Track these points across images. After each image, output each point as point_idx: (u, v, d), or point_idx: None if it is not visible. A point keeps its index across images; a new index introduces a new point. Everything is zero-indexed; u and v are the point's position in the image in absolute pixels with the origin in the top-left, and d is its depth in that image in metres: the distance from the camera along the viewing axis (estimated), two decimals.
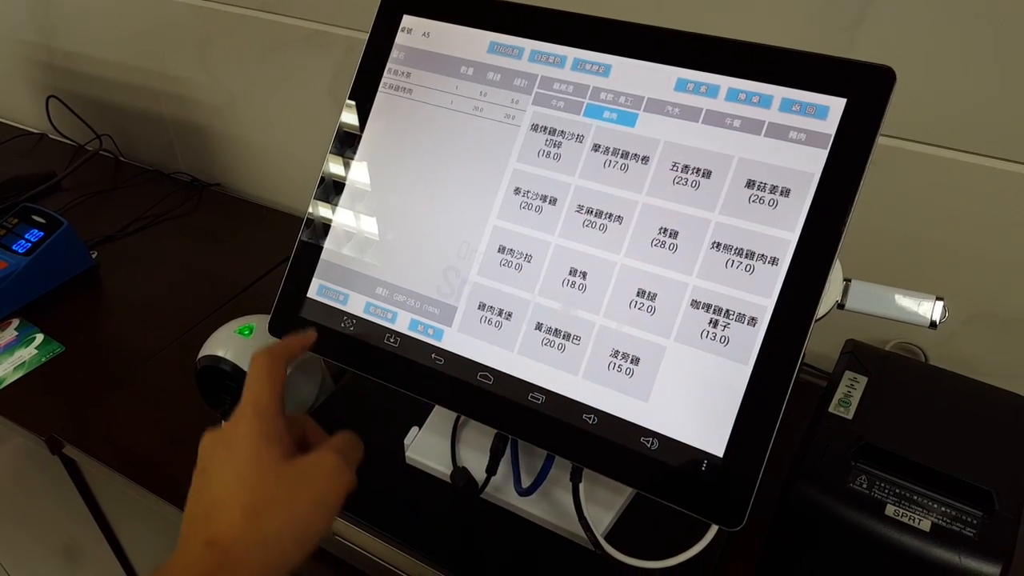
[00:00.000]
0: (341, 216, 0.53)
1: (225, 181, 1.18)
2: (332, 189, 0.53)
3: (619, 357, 0.44)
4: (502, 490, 0.54)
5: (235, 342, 0.62)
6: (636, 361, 0.44)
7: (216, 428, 0.43)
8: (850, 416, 0.54)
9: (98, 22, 1.14)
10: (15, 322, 0.86)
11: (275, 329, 0.54)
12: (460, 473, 0.54)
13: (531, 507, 0.54)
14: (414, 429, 0.59)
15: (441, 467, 0.56)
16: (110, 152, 1.22)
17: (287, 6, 0.94)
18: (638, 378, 0.44)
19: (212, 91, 1.09)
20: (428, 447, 0.57)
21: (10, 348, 0.82)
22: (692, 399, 0.42)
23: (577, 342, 0.45)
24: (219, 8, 1.00)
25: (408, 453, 0.58)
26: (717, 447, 0.41)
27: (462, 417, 0.57)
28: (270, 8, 0.96)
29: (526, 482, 0.52)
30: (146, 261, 0.99)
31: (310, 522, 0.40)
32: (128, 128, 1.23)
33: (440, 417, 0.59)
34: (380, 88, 0.53)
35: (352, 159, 0.53)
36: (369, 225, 0.52)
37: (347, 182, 0.53)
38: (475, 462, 0.55)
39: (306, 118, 1.03)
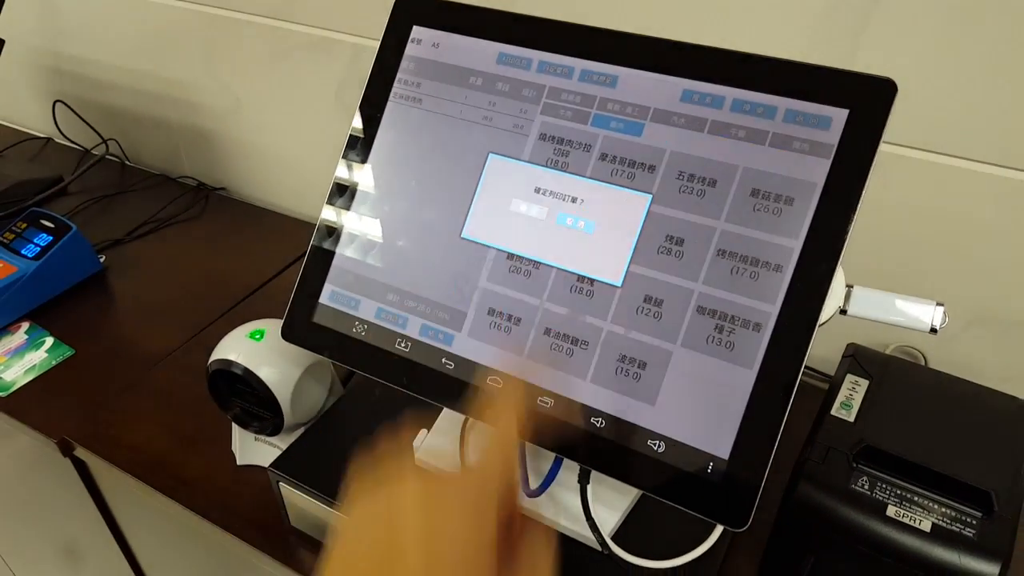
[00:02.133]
0: (352, 223, 0.54)
1: (231, 185, 1.19)
2: (343, 196, 0.54)
3: (626, 362, 0.45)
4: None
5: (246, 346, 0.62)
6: (643, 366, 0.45)
7: (420, 481, 0.35)
8: (851, 419, 0.55)
9: (105, 26, 1.15)
10: (25, 325, 0.87)
11: (288, 334, 0.55)
12: None
13: (537, 508, 0.55)
14: (423, 431, 0.59)
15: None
16: (116, 156, 1.23)
17: (293, 13, 0.95)
18: (645, 382, 0.45)
19: (218, 96, 1.10)
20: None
21: (20, 351, 0.83)
22: (698, 403, 0.43)
23: (585, 347, 0.46)
24: (226, 14, 1.00)
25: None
26: (723, 449, 0.42)
27: (470, 419, 0.58)
28: (276, 15, 0.97)
29: (534, 484, 0.53)
30: (153, 265, 1.00)
31: None
32: (134, 132, 1.23)
33: (448, 420, 0.60)
34: (391, 97, 0.54)
35: (363, 167, 0.54)
36: (380, 232, 0.53)
37: (358, 189, 0.54)
38: None
39: (312, 123, 1.04)
